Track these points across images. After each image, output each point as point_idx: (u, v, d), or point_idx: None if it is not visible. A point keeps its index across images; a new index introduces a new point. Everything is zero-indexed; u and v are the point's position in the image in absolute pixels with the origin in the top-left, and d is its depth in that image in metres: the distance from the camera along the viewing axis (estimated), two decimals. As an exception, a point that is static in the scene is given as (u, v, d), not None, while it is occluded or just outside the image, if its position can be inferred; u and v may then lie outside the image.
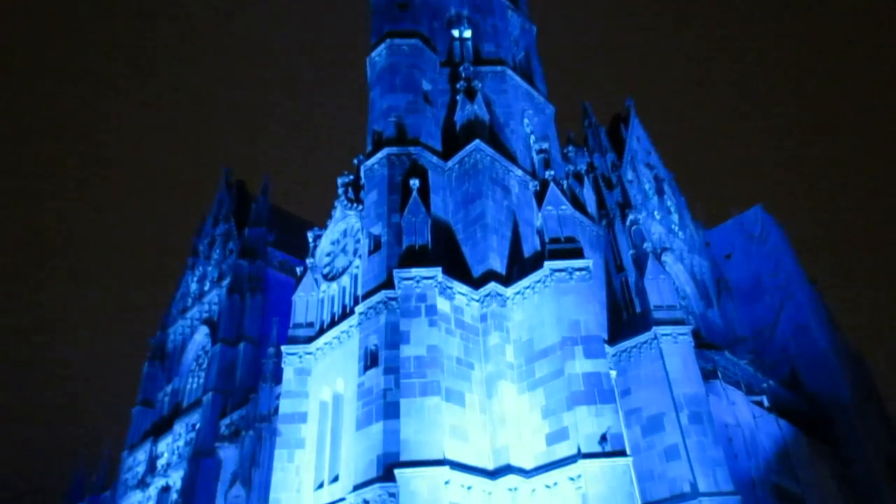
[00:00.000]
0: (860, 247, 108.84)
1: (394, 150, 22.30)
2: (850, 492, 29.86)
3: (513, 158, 23.85)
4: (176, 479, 32.04)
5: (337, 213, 24.62)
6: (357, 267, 22.18)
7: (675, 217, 36.18)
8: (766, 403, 27.25)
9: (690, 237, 36.18)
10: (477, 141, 22.35)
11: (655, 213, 33.43)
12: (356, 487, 16.70)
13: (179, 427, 34.37)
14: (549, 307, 18.62)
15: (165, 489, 32.82)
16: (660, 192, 35.62)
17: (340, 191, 24.67)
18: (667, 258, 31.38)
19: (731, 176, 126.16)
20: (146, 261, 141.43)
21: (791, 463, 26.92)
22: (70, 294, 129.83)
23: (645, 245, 24.36)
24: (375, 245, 20.96)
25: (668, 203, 36.26)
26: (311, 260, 24.19)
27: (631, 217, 25.80)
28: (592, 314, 18.54)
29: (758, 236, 38.15)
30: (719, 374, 25.29)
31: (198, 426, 32.14)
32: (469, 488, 16.08)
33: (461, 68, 24.92)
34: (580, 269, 18.83)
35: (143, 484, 34.62)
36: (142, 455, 36.61)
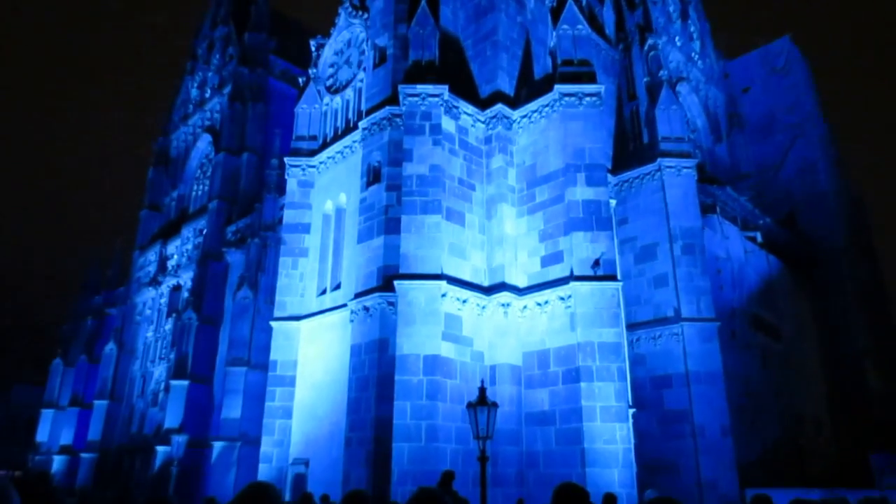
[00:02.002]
0: (883, 90, 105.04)
1: (403, -48, 20.66)
2: (823, 323, 31.51)
3: (531, -31, 22.19)
4: (186, 279, 33.61)
5: (341, 20, 23.38)
6: (361, 80, 21.51)
7: (697, 45, 34.45)
8: (759, 240, 27.89)
9: (710, 67, 34.73)
10: (494, -53, 20.65)
11: (676, 38, 31.77)
12: (357, 295, 17.57)
13: (187, 231, 35.41)
14: (555, 132, 18.35)
15: (177, 288, 34.59)
16: (684, 15, 33.57)
17: (345, -4, 23.22)
18: (681, 88, 30.42)
19: (760, 6, 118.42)
20: (148, 63, 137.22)
21: (773, 296, 28.16)
22: (72, 98, 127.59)
23: (661, 73, 23.51)
24: (381, 58, 20.16)
25: (692, 29, 34.34)
26: (314, 70, 23.38)
27: (650, 42, 24.61)
28: (598, 142, 18.30)
29: (780, 69, 36.62)
30: (718, 209, 25.61)
31: (205, 231, 33.09)
32: (464, 301, 16.90)
33: None
34: (591, 95, 18.28)
35: (155, 282, 36.41)
36: (152, 256, 38.10)
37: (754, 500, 7.60)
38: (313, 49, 23.81)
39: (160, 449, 27.79)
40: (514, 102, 19.64)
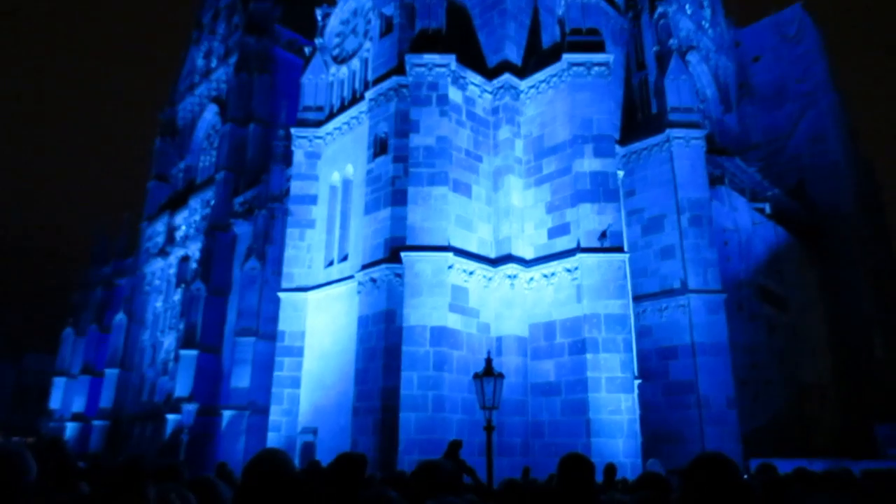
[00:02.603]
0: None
1: (410, -82, 20.28)
2: (832, 297, 31.43)
3: (540, -65, 21.77)
4: (194, 249, 33.76)
5: (347, -12, 23.06)
6: (368, 50, 21.31)
7: (707, 12, 33.87)
8: (767, 211, 27.73)
9: (720, 35, 34.19)
10: (502, -88, 20.24)
11: (686, 6, 31.22)
12: (364, 267, 17.64)
13: (195, 202, 35.47)
14: (562, 103, 18.19)
15: (185, 259, 34.78)
16: (695, -18, 32.95)
17: (351, -36, 22.86)
18: (691, 57, 29.99)
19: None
20: (154, 31, 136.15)
21: (780, 267, 28.11)
22: (79, 66, 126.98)
23: (670, 42, 23.17)
24: (387, 27, 19.94)
25: (703, -5, 33.74)
26: (320, 40, 23.15)
27: (660, 10, 24.19)
28: (606, 112, 18.15)
29: (792, 38, 36.01)
30: (726, 181, 25.45)
31: (212, 202, 33.15)
32: (470, 273, 16.95)
33: None
34: (599, 65, 18.07)
35: (163, 253, 36.61)
36: (160, 226, 38.26)
37: (759, 468, 7.70)
38: (319, 18, 23.55)
39: (171, 417, 28.22)
40: (522, 72, 19.43)
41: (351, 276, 18.50)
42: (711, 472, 2.52)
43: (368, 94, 19.45)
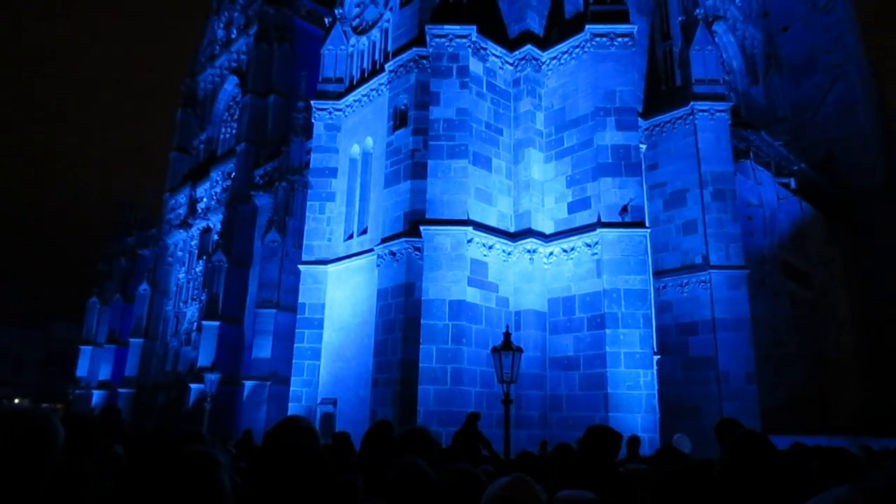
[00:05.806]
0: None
1: None
2: (856, 268, 30.91)
3: None
4: (215, 221, 34.07)
5: (367, -43, 22.75)
6: (388, 20, 21.08)
7: (736, -20, 32.98)
8: (792, 185, 27.24)
9: (748, 4, 33.31)
10: None
11: (714, -26, 30.42)
12: (384, 240, 17.66)
13: (216, 174, 35.68)
14: (585, 74, 17.90)
15: (207, 230, 35.13)
16: (723, -51, 32.03)
17: (371, -68, 22.53)
18: (718, 28, 29.30)
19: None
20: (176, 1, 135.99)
21: (804, 242, 27.69)
22: (100, 36, 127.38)
23: (696, 11, 22.66)
24: (407, -4, 19.68)
25: (731, -37, 32.81)
26: (340, 10, 22.93)
27: (687, -22, 23.59)
28: (629, 84, 17.84)
29: (822, 7, 34.99)
30: (751, 154, 24.99)
31: (233, 174, 33.32)
32: (490, 247, 16.91)
33: None
34: (623, 35, 17.72)
35: (185, 224, 37.00)
36: (182, 198, 38.60)
37: (793, 448, 7.61)
38: (338, -13, 23.28)
39: (194, 386, 28.75)
40: (544, 43, 19.12)
41: (370, 250, 18.54)
42: (747, 439, 2.69)
43: (388, 66, 19.28)
